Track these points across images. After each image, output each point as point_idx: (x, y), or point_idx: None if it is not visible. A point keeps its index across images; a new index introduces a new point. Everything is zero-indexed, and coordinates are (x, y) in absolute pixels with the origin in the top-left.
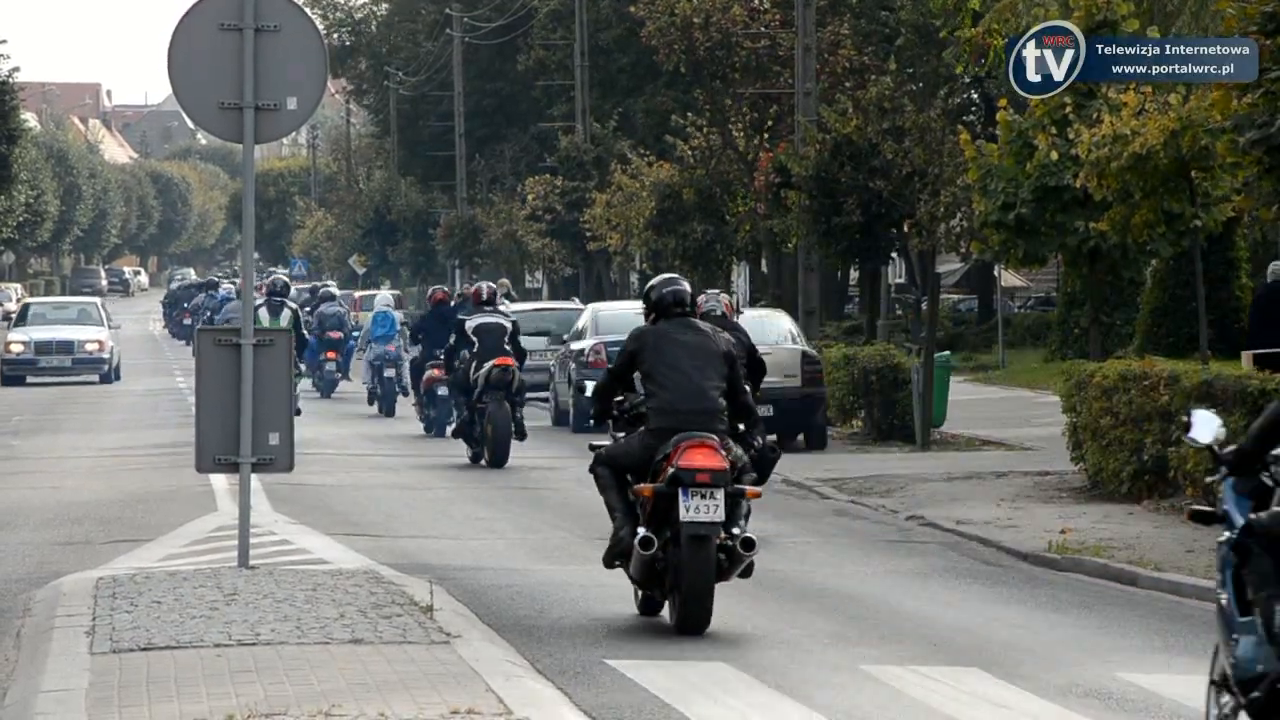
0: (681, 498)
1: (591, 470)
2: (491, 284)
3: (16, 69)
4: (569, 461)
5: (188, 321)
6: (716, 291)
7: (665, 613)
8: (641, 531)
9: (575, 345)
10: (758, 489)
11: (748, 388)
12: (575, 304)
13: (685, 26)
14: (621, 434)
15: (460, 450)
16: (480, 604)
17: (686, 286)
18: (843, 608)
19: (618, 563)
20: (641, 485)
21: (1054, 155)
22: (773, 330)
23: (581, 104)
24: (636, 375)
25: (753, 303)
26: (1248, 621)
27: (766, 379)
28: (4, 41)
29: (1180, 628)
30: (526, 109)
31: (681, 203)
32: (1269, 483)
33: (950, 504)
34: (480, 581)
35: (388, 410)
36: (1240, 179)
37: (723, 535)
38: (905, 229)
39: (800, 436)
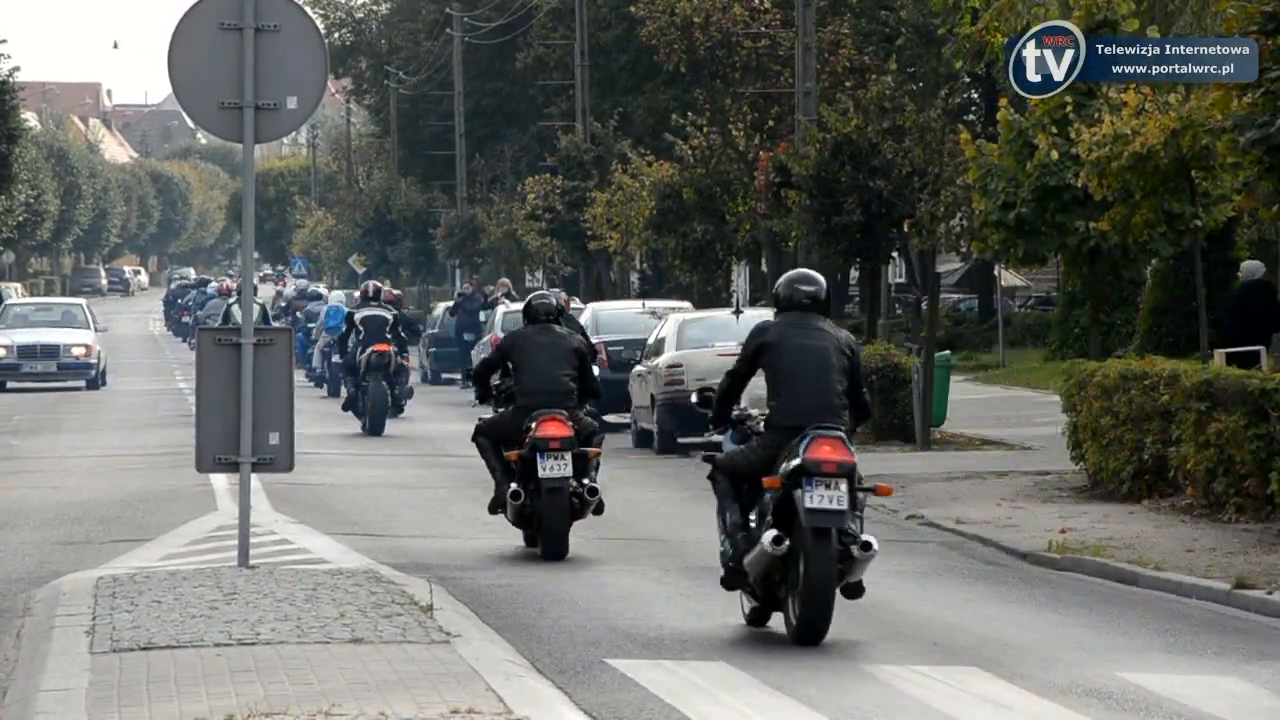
0: (539, 460)
1: (474, 439)
2: (378, 283)
3: (16, 69)
4: None
5: (186, 319)
6: (558, 290)
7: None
8: (512, 486)
9: None
10: (599, 449)
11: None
12: (576, 304)
13: (685, 26)
14: (500, 410)
15: (461, 450)
16: (480, 604)
17: (553, 300)
18: (843, 608)
19: (499, 510)
20: (510, 451)
21: (1054, 155)
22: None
23: (581, 103)
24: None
25: (753, 302)
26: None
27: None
28: (4, 41)
29: (1180, 627)
30: (526, 109)
31: (681, 202)
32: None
33: (950, 504)
34: (480, 581)
35: (334, 391)
36: (1240, 179)
37: (573, 485)
38: (905, 229)
39: None
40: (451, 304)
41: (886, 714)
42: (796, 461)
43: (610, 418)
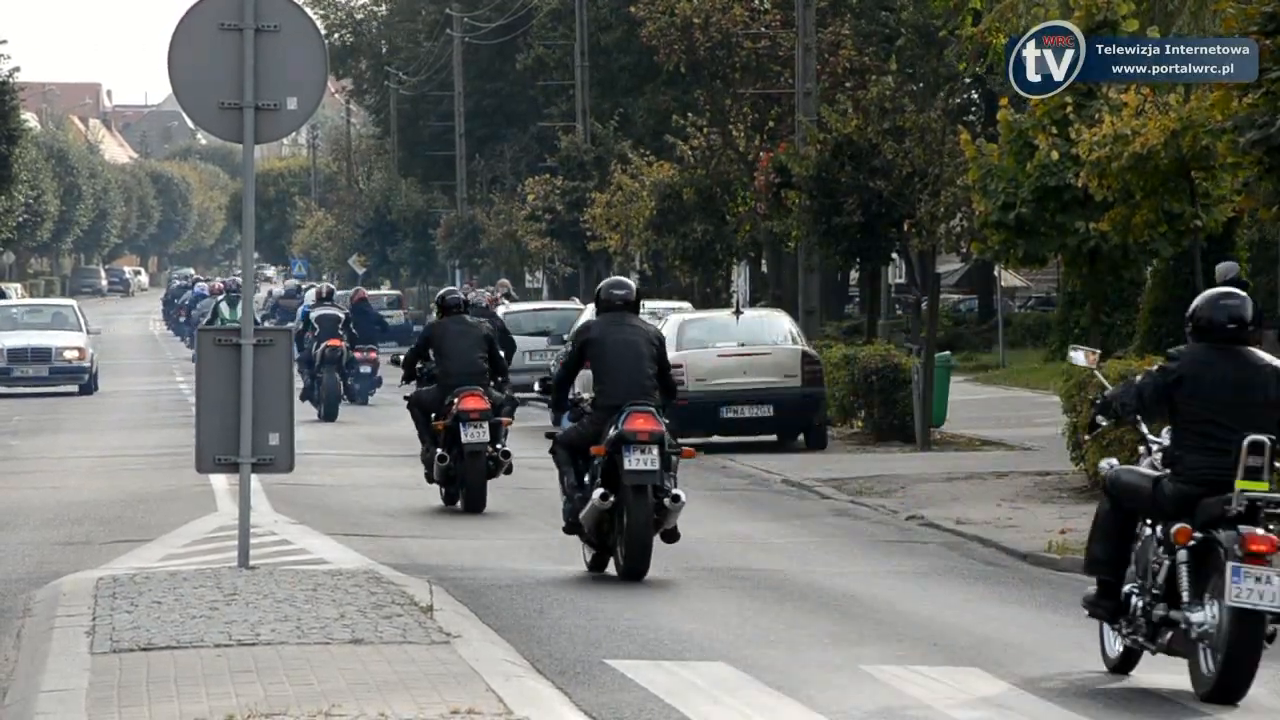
0: (462, 428)
1: (409, 409)
2: (330, 285)
3: (17, 69)
4: None
5: (182, 319)
6: (485, 289)
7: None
8: (439, 451)
9: None
10: (510, 419)
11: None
12: (575, 304)
13: (685, 26)
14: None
15: None
16: (480, 604)
17: (460, 295)
18: (843, 608)
19: (429, 472)
20: (438, 421)
21: (1054, 155)
22: (773, 330)
23: (581, 104)
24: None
25: (753, 303)
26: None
27: (767, 378)
28: (4, 41)
29: None
30: (526, 109)
31: (681, 203)
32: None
33: (950, 504)
34: (480, 581)
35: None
36: (1240, 179)
37: (490, 450)
38: (905, 229)
39: (800, 436)
40: None
41: (886, 714)
42: (616, 432)
43: None
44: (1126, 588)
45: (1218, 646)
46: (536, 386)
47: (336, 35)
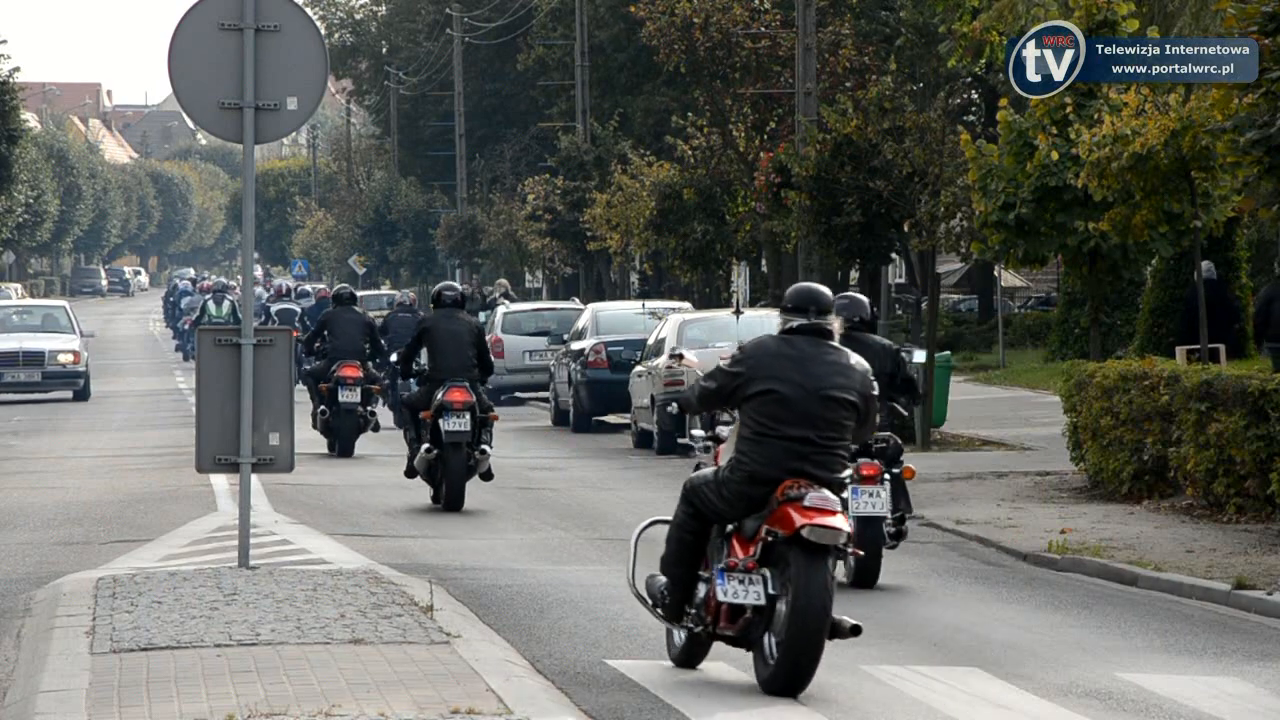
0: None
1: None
2: (288, 283)
3: (17, 69)
4: (569, 461)
5: (185, 326)
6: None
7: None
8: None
9: (575, 345)
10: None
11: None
12: (575, 304)
13: (685, 26)
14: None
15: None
16: (480, 604)
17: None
18: (842, 608)
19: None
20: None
21: (1054, 155)
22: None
23: (581, 104)
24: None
25: (753, 303)
26: None
27: None
28: (4, 41)
29: (1180, 628)
30: (526, 109)
31: (681, 203)
32: None
33: (950, 504)
34: (480, 581)
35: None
36: (1240, 179)
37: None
38: (905, 229)
39: None
40: None
41: (886, 714)
42: (438, 401)
43: (610, 418)
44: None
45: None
46: (393, 357)
47: (336, 35)
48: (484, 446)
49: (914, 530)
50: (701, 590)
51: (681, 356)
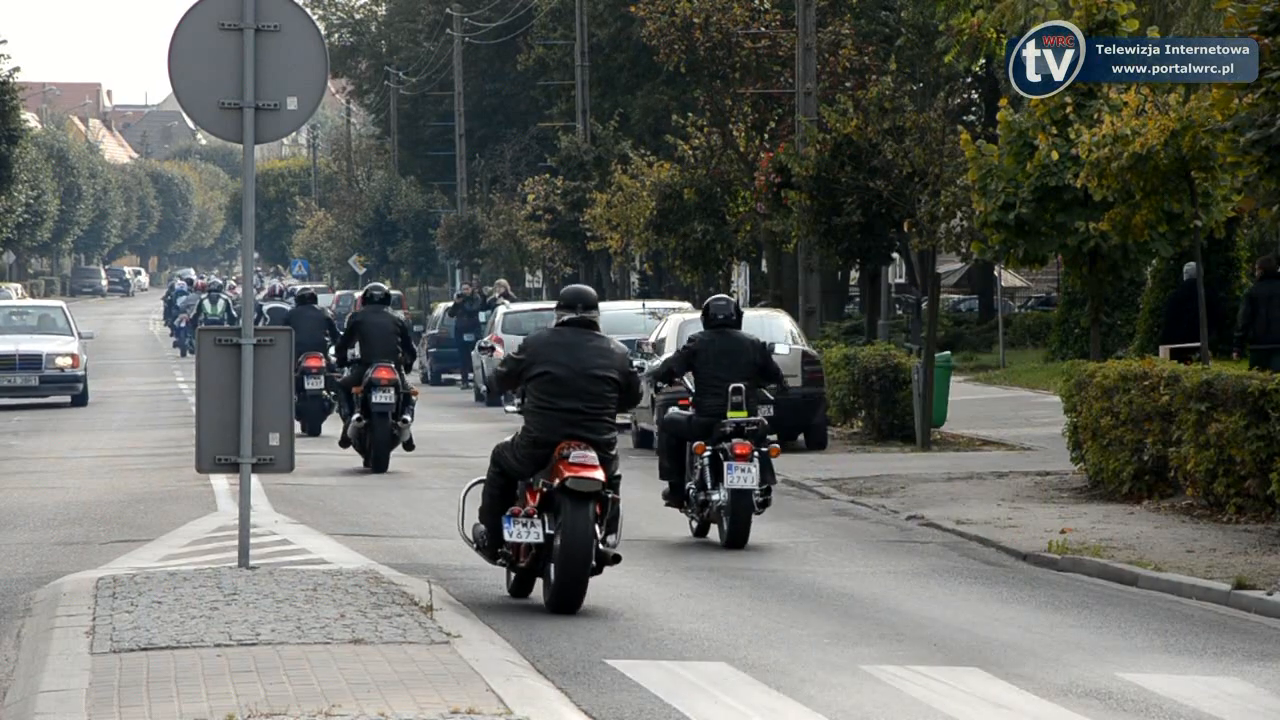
0: (371, 392)
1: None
2: (279, 283)
3: (17, 69)
4: None
5: (181, 324)
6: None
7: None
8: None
9: None
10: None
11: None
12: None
13: (685, 26)
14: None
15: (461, 450)
16: (480, 604)
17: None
18: (843, 608)
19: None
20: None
21: (1054, 155)
22: (773, 330)
23: (581, 104)
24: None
25: (753, 303)
26: None
27: None
28: (4, 41)
29: (1180, 628)
30: (526, 109)
31: (682, 203)
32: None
33: (950, 504)
34: (480, 581)
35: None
36: (1240, 179)
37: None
38: (905, 229)
39: (800, 436)
40: (451, 305)
41: (886, 714)
42: (367, 379)
43: None
44: (688, 485)
45: (728, 513)
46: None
47: (336, 35)
48: (405, 417)
49: (914, 530)
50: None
51: None
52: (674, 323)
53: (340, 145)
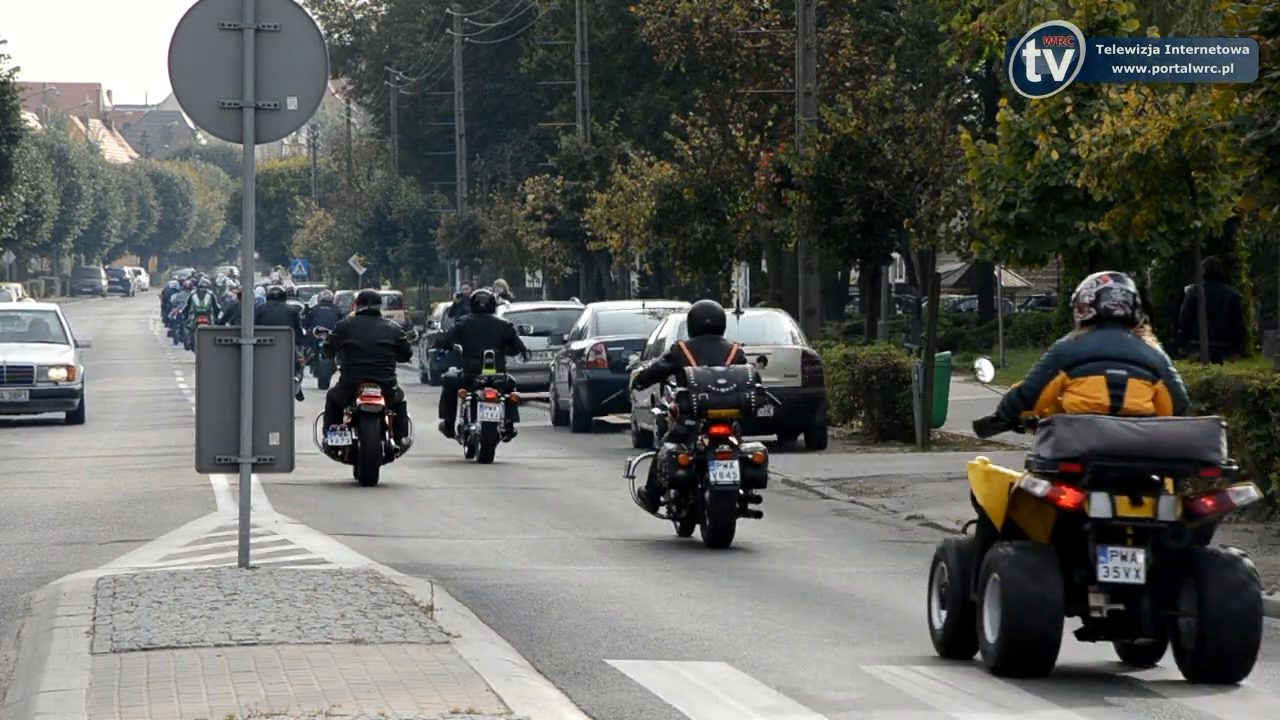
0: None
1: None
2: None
3: (17, 69)
4: (569, 461)
5: (174, 316)
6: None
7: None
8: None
9: (575, 345)
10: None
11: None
12: (575, 304)
13: (685, 26)
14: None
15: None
16: (480, 604)
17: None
18: (843, 608)
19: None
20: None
21: (1054, 155)
22: (773, 330)
23: (582, 104)
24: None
25: (753, 303)
26: None
27: (768, 378)
28: (4, 41)
29: None
30: (527, 109)
31: (682, 203)
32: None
33: (950, 504)
34: (480, 581)
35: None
36: (1241, 179)
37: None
38: (905, 229)
39: (800, 436)
40: (451, 305)
41: (886, 714)
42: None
43: (610, 418)
44: (458, 420)
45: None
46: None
47: (336, 35)
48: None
49: (914, 530)
50: None
51: None
52: (674, 323)
53: (340, 145)
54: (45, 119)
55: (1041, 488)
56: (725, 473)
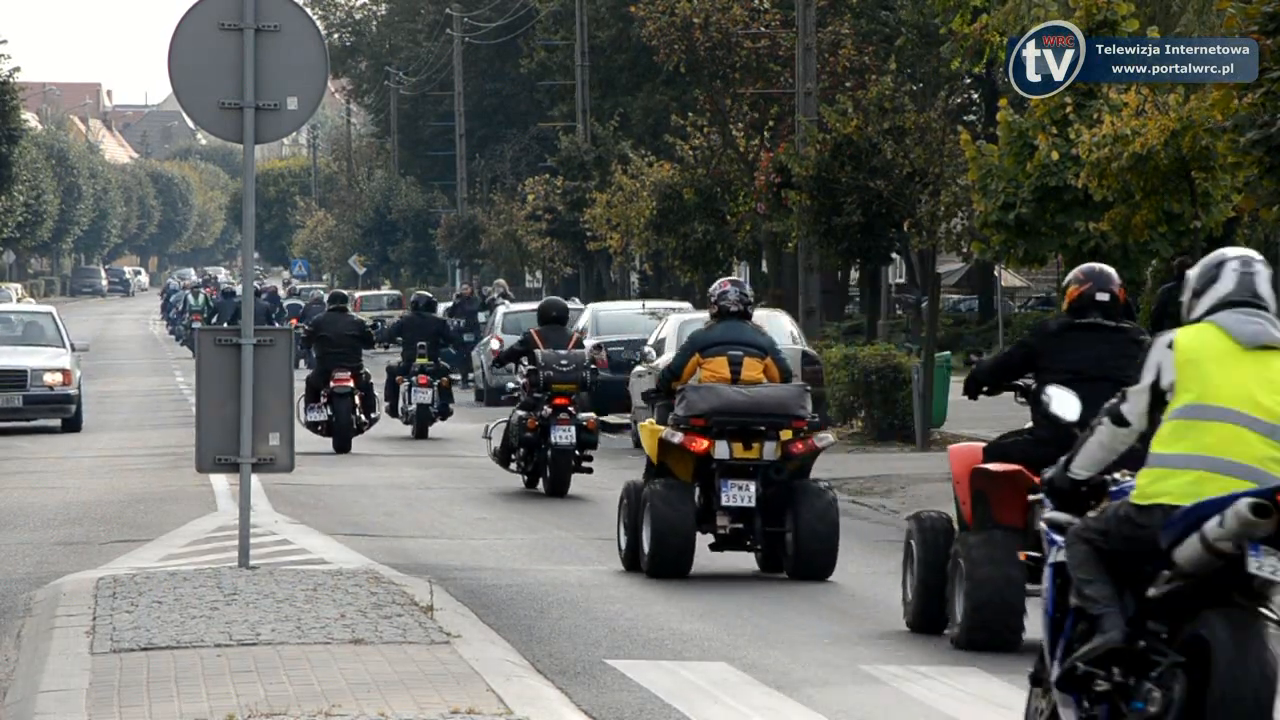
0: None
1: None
2: (273, 286)
3: (17, 69)
4: None
5: (174, 315)
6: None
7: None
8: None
9: None
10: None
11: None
12: (575, 304)
13: (685, 26)
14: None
15: (461, 450)
16: (480, 604)
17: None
18: (843, 608)
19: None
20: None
21: (1054, 155)
22: (773, 330)
23: (582, 104)
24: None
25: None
26: None
27: None
28: (4, 41)
29: None
30: (527, 109)
31: (682, 203)
32: None
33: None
34: (480, 581)
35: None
36: (1241, 179)
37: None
38: (905, 229)
39: None
40: (451, 305)
41: (886, 714)
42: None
43: (610, 418)
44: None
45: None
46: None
47: (336, 35)
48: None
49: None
50: None
51: None
52: (674, 323)
53: (340, 145)
54: (45, 119)
55: (678, 438)
56: (564, 435)
